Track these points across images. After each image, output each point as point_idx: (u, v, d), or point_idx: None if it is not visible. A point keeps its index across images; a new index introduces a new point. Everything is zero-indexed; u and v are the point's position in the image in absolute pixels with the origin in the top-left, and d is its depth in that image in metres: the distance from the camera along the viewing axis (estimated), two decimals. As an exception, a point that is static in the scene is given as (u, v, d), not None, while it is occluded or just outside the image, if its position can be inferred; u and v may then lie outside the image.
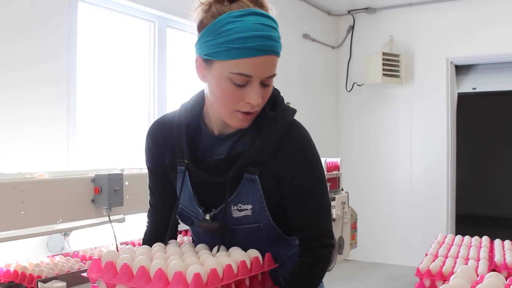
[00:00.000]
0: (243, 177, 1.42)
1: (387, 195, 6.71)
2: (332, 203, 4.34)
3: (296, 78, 6.06)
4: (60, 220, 2.20)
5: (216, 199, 1.45)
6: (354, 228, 4.81)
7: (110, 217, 2.37)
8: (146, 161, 1.59)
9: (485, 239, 3.34)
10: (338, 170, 4.55)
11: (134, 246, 2.64)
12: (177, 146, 1.48)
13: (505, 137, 10.86)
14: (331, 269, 3.54)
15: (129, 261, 1.32)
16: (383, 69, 6.26)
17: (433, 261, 2.82)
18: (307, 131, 1.50)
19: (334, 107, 6.96)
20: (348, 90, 6.86)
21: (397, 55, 6.40)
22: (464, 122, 8.23)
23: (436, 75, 6.43)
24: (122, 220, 2.52)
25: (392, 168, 6.70)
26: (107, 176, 2.30)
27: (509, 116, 10.94)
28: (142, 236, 1.66)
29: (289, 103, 5.30)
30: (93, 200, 2.33)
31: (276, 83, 1.44)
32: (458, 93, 6.54)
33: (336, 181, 4.48)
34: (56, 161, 3.19)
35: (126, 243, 2.73)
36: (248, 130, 1.43)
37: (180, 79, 4.47)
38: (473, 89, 6.52)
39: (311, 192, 1.45)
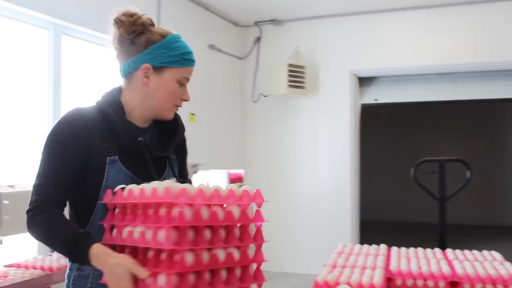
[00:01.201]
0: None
1: (293, 205, 6.77)
2: (236, 215, 4.29)
3: (202, 89, 6.00)
4: None
5: (147, 176, 1.74)
6: (259, 239, 4.78)
7: (-13, 238, 2.20)
8: (57, 146, 1.66)
9: (383, 247, 3.41)
10: (241, 182, 4.51)
11: (20, 267, 2.47)
12: (113, 133, 1.72)
13: (407, 146, 11.32)
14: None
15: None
16: (289, 80, 6.33)
17: (331, 271, 2.83)
18: None
19: (240, 118, 6.96)
20: (254, 101, 6.88)
21: (302, 67, 6.49)
22: (367, 132, 8.47)
23: (340, 86, 6.58)
24: (-1, 242, 2.34)
25: (297, 178, 6.77)
26: (-17, 194, 2.13)
27: (410, 126, 11.43)
28: (24, 258, 1.52)
29: (194, 114, 5.19)
30: (-33, 220, 2.15)
31: None
32: (361, 104, 6.72)
33: (240, 192, 4.44)
34: None
35: (11, 266, 2.55)
36: (155, 125, 1.88)
37: (76, 87, 4.30)
38: (375, 100, 6.72)
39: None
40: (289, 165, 6.81)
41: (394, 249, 3.39)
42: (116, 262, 1.48)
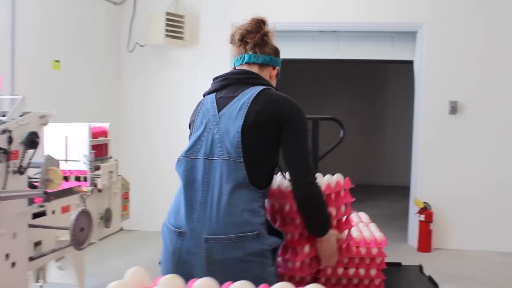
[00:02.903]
0: None
1: (170, 161, 6.45)
2: (98, 172, 3.95)
3: (70, 34, 5.48)
4: None
5: None
6: (126, 198, 4.49)
7: None
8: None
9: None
10: (106, 136, 4.15)
11: None
12: None
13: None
14: (84, 247, 3.17)
15: None
16: (166, 30, 5.95)
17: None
18: None
19: (115, 67, 6.47)
20: (130, 50, 6.42)
21: (182, 16, 6.12)
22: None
23: (221, 39, 6.25)
24: None
25: (175, 133, 6.46)
26: None
27: (291, 83, 11.36)
28: None
29: (59, 61, 4.63)
30: None
31: (47, 40, 1.43)
32: (242, 59, 6.48)
33: (102, 148, 4.08)
34: None
35: None
36: None
37: None
38: (257, 55, 6.50)
39: None
40: (168, 120, 6.48)
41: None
42: (332, 233, 2.13)
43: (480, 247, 6.00)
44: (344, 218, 2.33)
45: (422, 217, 5.97)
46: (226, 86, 2.17)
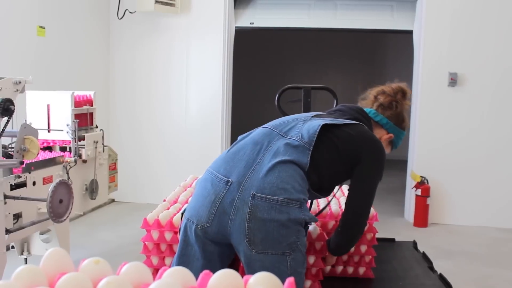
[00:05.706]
0: None
1: (161, 131, 6.34)
2: (82, 142, 3.81)
3: (57, 1, 5.27)
4: None
5: None
6: (113, 169, 4.35)
7: None
8: None
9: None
10: (91, 105, 3.99)
11: None
12: None
13: (284, 74, 10.99)
14: (63, 220, 3.03)
15: None
16: (157, -4, 5.74)
17: (168, 208, 2.47)
18: None
19: (104, 35, 6.26)
20: (120, 17, 6.21)
21: (173, -18, 5.91)
22: (241, 57, 8.08)
23: (214, 6, 6.09)
24: None
25: (166, 103, 6.32)
26: None
27: (287, 53, 11.11)
28: None
29: (44, 28, 4.40)
30: None
31: (31, 4, 1.31)
32: (235, 27, 6.28)
33: (87, 117, 3.92)
34: None
35: None
36: None
37: None
38: (250, 23, 6.30)
39: None
40: (157, 89, 6.31)
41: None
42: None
43: (478, 222, 5.89)
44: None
45: (419, 192, 5.84)
46: (338, 111, 2.26)
